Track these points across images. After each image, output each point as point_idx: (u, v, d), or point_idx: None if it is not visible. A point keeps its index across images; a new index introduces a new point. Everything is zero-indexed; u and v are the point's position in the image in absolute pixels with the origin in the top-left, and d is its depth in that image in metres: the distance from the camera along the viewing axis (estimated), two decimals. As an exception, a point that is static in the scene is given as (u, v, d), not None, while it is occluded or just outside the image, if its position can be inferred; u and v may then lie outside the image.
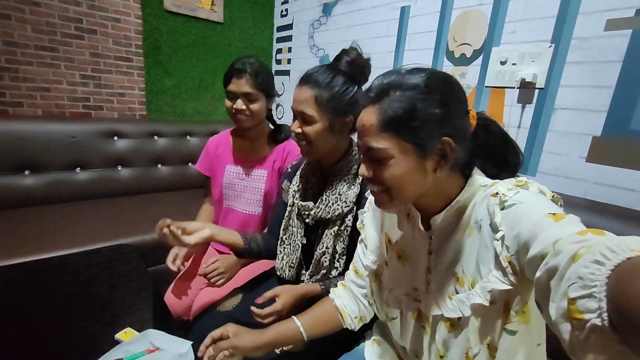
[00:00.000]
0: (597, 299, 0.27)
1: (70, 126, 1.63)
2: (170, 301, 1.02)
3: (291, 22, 2.23)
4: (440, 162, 0.51)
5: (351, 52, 0.82)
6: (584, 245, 0.32)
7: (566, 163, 1.08)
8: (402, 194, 0.53)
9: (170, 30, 1.99)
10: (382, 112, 0.50)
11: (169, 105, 2.08)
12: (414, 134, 0.49)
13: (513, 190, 0.48)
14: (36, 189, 1.52)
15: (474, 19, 1.27)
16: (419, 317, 0.61)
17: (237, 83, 1.05)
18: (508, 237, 0.46)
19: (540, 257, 0.37)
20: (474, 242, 0.52)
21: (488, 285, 0.48)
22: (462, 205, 0.55)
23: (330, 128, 0.81)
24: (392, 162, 0.51)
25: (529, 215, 0.44)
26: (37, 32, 1.69)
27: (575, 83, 1.04)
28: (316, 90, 0.79)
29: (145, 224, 1.43)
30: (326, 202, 0.85)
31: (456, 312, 0.54)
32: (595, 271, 0.28)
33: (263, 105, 1.09)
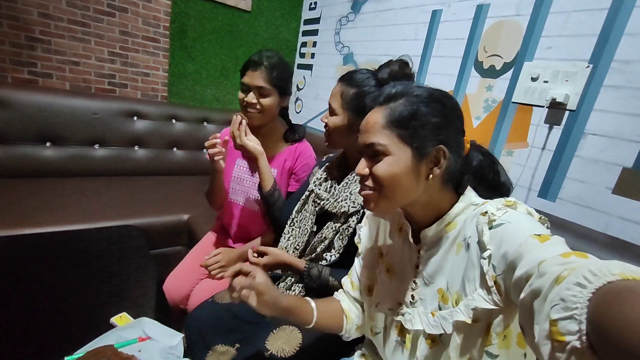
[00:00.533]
0: (577, 321, 0.28)
1: (93, 102, 1.66)
2: (169, 289, 1.04)
3: (319, 15, 2.19)
4: (433, 169, 0.54)
5: (394, 64, 0.83)
6: (567, 267, 0.33)
7: (590, 192, 1.01)
8: (393, 195, 0.55)
9: (197, 15, 2.00)
10: (388, 112, 0.55)
11: (190, 90, 2.10)
12: (413, 135, 0.53)
13: (502, 210, 0.49)
14: (55, 161, 1.57)
15: (509, 29, 1.21)
16: (400, 332, 0.62)
17: (251, 75, 1.03)
18: (495, 256, 0.46)
19: (526, 278, 0.38)
20: (461, 259, 0.53)
21: (472, 303, 0.49)
22: (452, 221, 0.56)
23: (348, 125, 0.85)
24: (389, 158, 0.53)
25: (515, 235, 0.44)
26: (71, 6, 1.73)
27: (610, 108, 0.97)
28: (344, 87, 0.84)
29: (155, 205, 1.46)
30: (336, 196, 0.88)
31: (438, 328, 0.54)
32: (577, 293, 0.29)
33: (275, 101, 1.06)
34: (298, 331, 0.78)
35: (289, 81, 1.11)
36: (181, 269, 1.10)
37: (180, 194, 1.63)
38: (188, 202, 1.53)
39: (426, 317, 0.57)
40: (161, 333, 0.71)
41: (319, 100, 2.19)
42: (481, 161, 0.60)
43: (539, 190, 1.13)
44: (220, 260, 1.04)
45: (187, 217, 1.46)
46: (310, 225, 0.93)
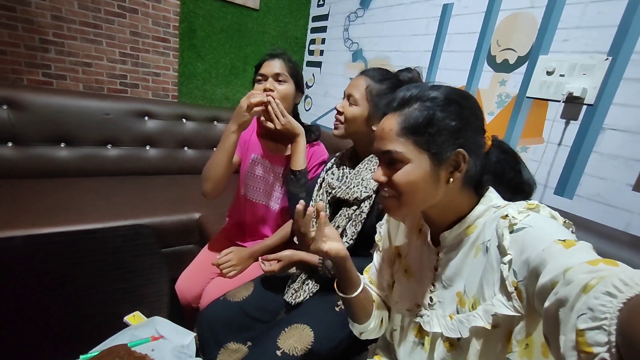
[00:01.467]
0: (606, 332, 0.27)
1: (105, 103, 1.69)
2: (181, 287, 1.05)
3: (327, 12, 2.18)
4: (454, 173, 0.53)
5: (413, 71, 0.91)
6: (595, 276, 0.31)
7: (609, 189, 0.98)
8: (413, 201, 0.54)
9: (206, 15, 2.00)
10: (402, 119, 0.53)
11: (200, 89, 2.11)
12: (430, 141, 0.51)
13: (523, 214, 0.47)
14: (69, 162, 1.60)
15: (523, 22, 1.17)
16: (419, 334, 0.62)
17: (269, 65, 1.06)
18: (516, 261, 0.45)
19: (550, 286, 0.36)
20: (480, 263, 0.52)
21: (491, 308, 0.48)
22: (472, 224, 0.55)
23: (367, 119, 0.88)
24: (408, 167, 0.52)
25: (538, 240, 0.43)
26: (83, 9, 1.75)
27: (630, 102, 0.94)
28: (371, 82, 0.87)
29: (167, 204, 1.47)
30: (348, 184, 0.89)
31: (455, 332, 0.54)
32: (607, 303, 0.28)
33: (291, 91, 1.06)
34: (310, 329, 0.78)
35: (302, 78, 1.13)
36: (193, 268, 1.11)
37: (192, 192, 1.64)
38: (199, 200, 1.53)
39: (444, 320, 0.56)
40: (173, 332, 0.71)
41: (328, 98, 2.18)
42: (501, 159, 0.58)
43: (556, 187, 1.10)
44: (231, 259, 1.04)
45: (199, 216, 1.47)
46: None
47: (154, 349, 0.66)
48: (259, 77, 1.06)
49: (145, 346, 0.66)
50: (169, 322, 0.73)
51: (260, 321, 0.87)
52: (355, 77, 0.93)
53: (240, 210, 1.21)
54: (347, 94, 0.90)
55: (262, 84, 1.04)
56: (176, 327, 0.73)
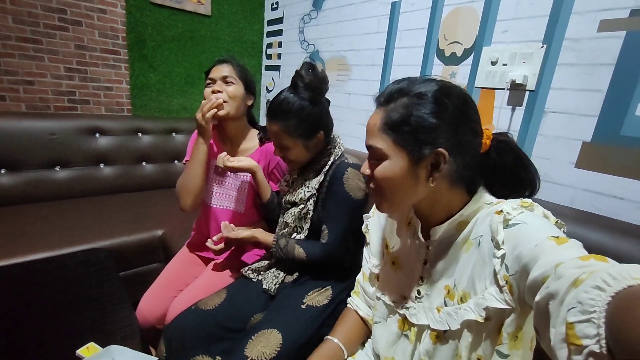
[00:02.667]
0: (595, 325, 0.27)
1: (49, 123, 1.58)
2: (143, 310, 0.99)
3: (282, 15, 2.17)
4: (433, 172, 0.53)
5: (305, 77, 0.87)
6: (585, 270, 0.32)
7: (555, 168, 1.04)
8: (393, 197, 0.55)
9: (155, 24, 1.93)
10: (385, 114, 0.54)
11: (154, 101, 2.03)
12: (406, 139, 0.52)
13: (517, 210, 0.48)
14: (12, 189, 1.47)
15: (465, 16, 1.23)
16: (403, 325, 0.62)
17: (217, 69, 1.07)
18: (509, 256, 0.46)
19: (541, 280, 0.37)
20: (471, 257, 0.53)
21: (483, 302, 0.49)
22: (464, 220, 0.56)
23: (305, 148, 0.91)
24: (386, 163, 0.53)
25: (531, 236, 0.44)
26: (18, 23, 1.64)
27: (566, 86, 1.00)
28: (283, 124, 0.87)
29: (126, 224, 1.40)
30: (295, 186, 0.98)
31: (443, 324, 0.55)
32: (595, 297, 0.28)
33: (239, 92, 1.07)
34: (277, 332, 0.76)
35: (252, 82, 1.13)
36: (155, 288, 1.05)
37: (153, 209, 1.57)
38: (161, 216, 1.48)
39: (431, 313, 0.57)
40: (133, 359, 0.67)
41: (289, 101, 2.17)
42: (501, 159, 0.57)
43: (508, 171, 1.15)
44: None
45: (162, 232, 1.41)
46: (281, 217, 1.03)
47: (111, 381, 0.62)
48: (208, 82, 1.07)
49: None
50: (127, 349, 0.69)
51: (233, 331, 0.84)
52: (267, 121, 0.92)
53: (206, 220, 1.17)
54: (276, 142, 0.92)
55: (211, 87, 1.05)
56: (135, 354, 0.68)
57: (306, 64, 0.89)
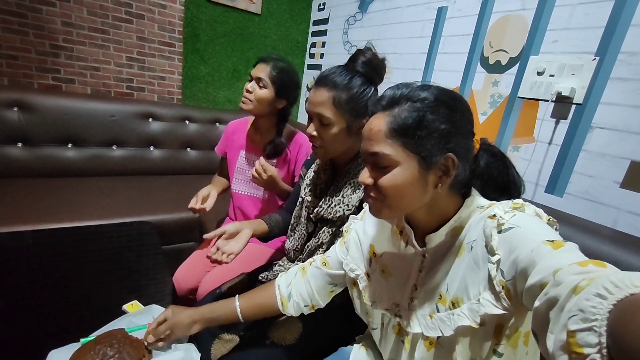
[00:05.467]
0: (597, 334, 0.27)
1: (110, 105, 1.75)
2: (179, 279, 1.08)
3: (327, 16, 2.22)
4: (442, 177, 0.52)
5: (367, 52, 0.81)
6: (585, 277, 0.32)
7: (598, 187, 1.00)
8: (399, 204, 0.53)
9: (209, 19, 2.06)
10: (391, 119, 0.51)
11: (203, 92, 2.17)
12: (419, 144, 0.50)
13: (510, 213, 0.47)
14: (76, 162, 1.65)
15: (514, 24, 1.20)
16: (399, 332, 0.61)
17: (258, 68, 1.13)
18: (505, 261, 0.45)
19: (540, 286, 0.37)
20: (463, 262, 0.52)
21: (480, 308, 0.47)
22: (458, 225, 0.55)
23: (347, 130, 0.81)
24: (396, 170, 0.51)
25: (526, 240, 0.43)
26: (91, 15, 1.81)
27: (617, 101, 0.96)
28: (334, 92, 0.78)
29: (169, 203, 1.52)
30: (329, 202, 0.86)
31: (436, 330, 0.54)
32: (597, 305, 0.28)
33: (268, 96, 1.12)
34: (299, 320, 0.80)
35: (289, 87, 1.16)
36: (190, 262, 1.15)
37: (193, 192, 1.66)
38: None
39: (424, 319, 0.56)
40: (169, 320, 0.75)
41: (327, 100, 2.22)
42: (489, 163, 0.58)
43: (547, 186, 1.11)
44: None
45: (199, 215, 1.51)
46: (306, 229, 0.94)
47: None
48: (249, 77, 1.15)
49: (142, 332, 0.70)
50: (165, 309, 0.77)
51: None
52: (313, 89, 0.81)
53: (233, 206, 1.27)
54: (315, 114, 0.80)
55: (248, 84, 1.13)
56: (172, 316, 0.76)
57: (368, 47, 0.83)
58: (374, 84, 0.83)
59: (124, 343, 0.62)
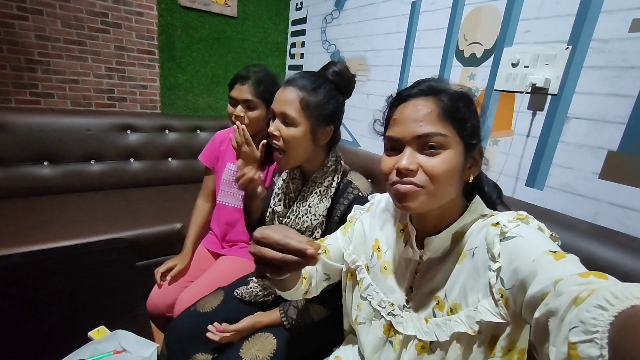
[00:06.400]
0: (598, 346, 0.27)
1: (86, 120, 1.71)
2: (155, 298, 1.06)
3: (305, 15, 2.18)
4: (472, 168, 0.54)
5: (339, 64, 0.82)
6: (586, 288, 0.31)
7: (577, 179, 0.97)
8: (443, 192, 0.51)
9: (183, 26, 2.02)
10: (440, 104, 0.51)
11: (182, 100, 2.13)
12: (467, 131, 0.51)
13: (514, 223, 0.47)
14: (53, 179, 1.62)
15: (487, 15, 1.17)
16: (388, 331, 0.61)
17: (239, 89, 1.07)
18: (505, 270, 0.45)
19: (540, 296, 0.37)
20: (464, 269, 0.51)
21: (477, 315, 0.48)
22: (460, 231, 0.54)
23: (310, 134, 0.79)
24: (447, 153, 0.50)
25: (528, 250, 0.43)
26: (66, 27, 1.78)
27: (592, 90, 0.93)
28: (303, 93, 0.77)
29: (149, 216, 1.49)
30: (296, 212, 0.84)
31: (431, 335, 0.53)
32: (598, 316, 0.28)
33: (262, 113, 1.09)
34: (273, 337, 0.78)
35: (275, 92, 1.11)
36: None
37: (175, 203, 1.66)
38: (182, 211, 1.56)
39: (419, 323, 0.56)
40: (136, 344, 0.72)
41: (310, 101, 2.19)
42: None
43: (527, 179, 1.09)
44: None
45: (180, 226, 1.49)
46: None
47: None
48: (231, 100, 1.10)
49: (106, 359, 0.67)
50: (132, 334, 0.74)
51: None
52: (281, 89, 0.81)
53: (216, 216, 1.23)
54: (279, 113, 0.78)
55: (234, 107, 1.09)
56: (139, 339, 0.74)
57: (341, 61, 0.85)
58: (342, 95, 0.83)
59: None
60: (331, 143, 0.86)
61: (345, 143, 1.83)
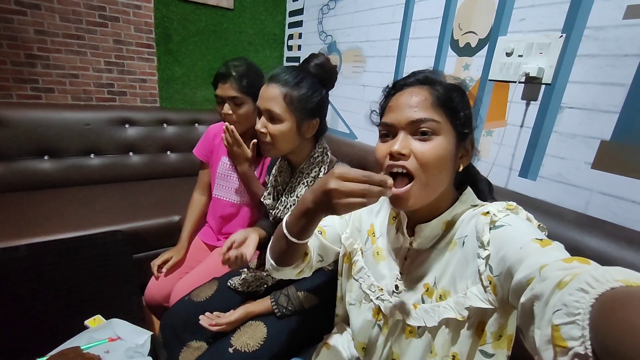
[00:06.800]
0: (580, 327, 0.28)
1: (85, 114, 1.73)
2: (152, 288, 1.08)
3: (302, 6, 2.16)
4: (462, 159, 0.55)
5: (320, 57, 0.83)
6: (569, 272, 0.33)
7: (570, 169, 0.97)
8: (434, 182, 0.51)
9: (180, 19, 2.01)
10: (436, 92, 0.52)
11: (179, 93, 2.13)
12: (459, 120, 0.53)
13: (503, 212, 0.49)
14: (54, 173, 1.64)
15: (481, 4, 1.15)
16: (377, 315, 0.62)
17: (222, 87, 1.06)
18: (494, 257, 0.46)
19: (526, 282, 0.38)
20: (454, 257, 0.53)
21: (465, 301, 0.49)
22: (450, 220, 0.56)
23: (296, 128, 0.81)
24: (439, 139, 0.51)
25: (516, 238, 0.44)
26: (64, 21, 1.78)
27: (585, 79, 0.92)
28: (285, 89, 0.79)
29: (148, 209, 1.51)
30: (284, 203, 0.86)
31: (419, 321, 0.55)
32: (580, 299, 0.29)
33: (250, 108, 1.09)
34: (263, 326, 0.80)
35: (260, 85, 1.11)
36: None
37: (173, 196, 1.68)
38: (180, 203, 1.57)
39: (407, 309, 0.57)
40: (131, 332, 0.74)
41: (308, 93, 2.18)
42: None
43: (520, 170, 1.09)
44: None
45: (179, 219, 1.51)
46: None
47: (108, 351, 0.69)
48: (217, 98, 1.09)
49: (100, 347, 0.69)
50: (126, 323, 0.76)
51: None
52: (264, 86, 0.83)
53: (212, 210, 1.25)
54: (265, 110, 0.80)
55: (221, 106, 1.08)
56: (133, 328, 0.76)
57: (322, 53, 0.87)
58: (325, 87, 0.84)
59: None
60: (318, 135, 0.88)
61: (342, 135, 1.83)
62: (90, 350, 0.67)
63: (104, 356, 0.67)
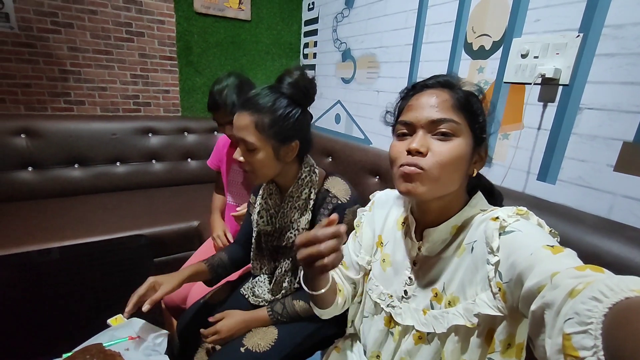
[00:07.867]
0: (592, 337, 0.27)
1: (111, 124, 1.83)
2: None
3: (317, 15, 2.21)
4: (477, 164, 0.55)
5: (294, 73, 0.77)
6: (582, 281, 0.32)
7: (591, 171, 0.93)
8: (446, 179, 0.51)
9: (200, 31, 2.10)
10: (456, 95, 0.53)
11: (200, 103, 2.22)
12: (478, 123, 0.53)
13: (513, 218, 0.48)
14: (83, 181, 1.75)
15: (495, 6, 1.14)
16: (389, 323, 0.62)
17: (217, 115, 1.11)
18: (503, 263, 0.45)
19: (537, 289, 0.37)
20: (463, 262, 0.52)
21: (474, 308, 0.48)
22: (459, 225, 0.55)
23: (274, 155, 0.77)
24: (457, 141, 0.51)
25: (526, 244, 0.43)
26: (94, 38, 1.91)
27: (605, 79, 0.89)
28: (256, 116, 0.74)
29: (169, 214, 1.58)
30: (280, 230, 0.86)
31: (428, 327, 0.55)
32: (593, 308, 0.28)
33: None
34: (275, 328, 0.81)
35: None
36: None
37: (193, 202, 1.74)
38: (199, 209, 1.63)
39: (417, 314, 0.57)
40: (149, 332, 0.78)
41: (322, 99, 2.20)
42: None
43: (538, 173, 1.06)
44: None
45: (198, 224, 1.56)
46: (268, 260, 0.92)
47: (128, 348, 0.73)
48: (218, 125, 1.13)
49: (121, 345, 0.73)
50: (145, 322, 0.80)
51: None
52: (237, 114, 0.78)
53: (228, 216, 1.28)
54: (239, 139, 0.76)
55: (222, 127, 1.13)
56: (152, 327, 0.79)
57: (297, 67, 0.81)
58: (300, 106, 0.79)
59: (97, 357, 0.65)
60: (301, 155, 0.84)
61: (357, 141, 1.83)
62: (111, 348, 0.71)
63: (124, 353, 0.70)
